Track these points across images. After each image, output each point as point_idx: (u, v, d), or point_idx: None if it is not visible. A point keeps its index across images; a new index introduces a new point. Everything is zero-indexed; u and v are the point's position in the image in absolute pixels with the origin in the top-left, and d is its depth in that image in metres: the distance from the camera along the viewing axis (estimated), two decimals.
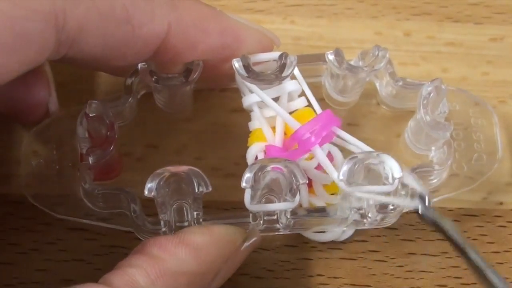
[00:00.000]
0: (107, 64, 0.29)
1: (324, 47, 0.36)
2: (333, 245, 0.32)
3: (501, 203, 0.33)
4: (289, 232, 0.30)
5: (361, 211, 0.29)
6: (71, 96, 0.33)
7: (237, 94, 0.34)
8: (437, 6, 0.37)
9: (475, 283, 0.32)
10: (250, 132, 0.31)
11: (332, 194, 0.31)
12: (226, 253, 0.28)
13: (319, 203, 0.31)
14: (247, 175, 0.27)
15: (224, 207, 0.32)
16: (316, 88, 0.32)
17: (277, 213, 0.29)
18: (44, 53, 0.25)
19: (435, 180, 0.31)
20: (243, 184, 0.27)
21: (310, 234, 0.32)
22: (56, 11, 0.25)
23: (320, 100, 0.32)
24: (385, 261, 0.32)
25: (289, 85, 0.30)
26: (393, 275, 0.32)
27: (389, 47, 0.34)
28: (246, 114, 0.32)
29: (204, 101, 0.33)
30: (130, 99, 0.31)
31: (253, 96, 0.30)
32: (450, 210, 0.33)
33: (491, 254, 0.32)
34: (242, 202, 0.31)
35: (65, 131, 0.31)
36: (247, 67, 0.29)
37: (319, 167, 0.30)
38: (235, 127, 0.34)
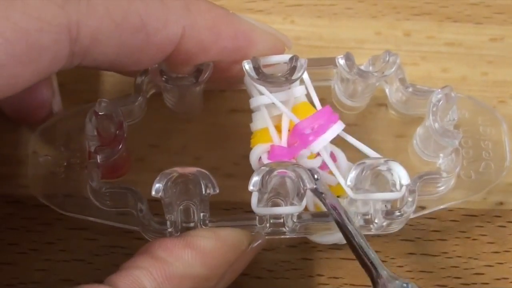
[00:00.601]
0: (120, 69, 0.29)
1: (324, 47, 0.36)
2: (333, 245, 0.32)
3: (501, 203, 0.33)
4: (295, 236, 0.30)
5: (367, 217, 0.29)
6: (72, 96, 0.33)
7: (237, 94, 0.34)
8: (437, 6, 0.37)
9: (475, 283, 0.32)
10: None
11: (338, 196, 0.31)
12: (232, 257, 0.28)
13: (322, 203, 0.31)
14: (255, 178, 0.27)
15: (224, 207, 0.32)
16: (325, 92, 0.32)
17: (283, 217, 0.29)
18: (58, 64, 0.25)
19: (442, 187, 0.31)
20: (251, 188, 0.27)
21: (313, 237, 0.32)
22: (70, 23, 0.25)
23: (329, 104, 0.32)
24: (385, 261, 0.32)
25: (298, 90, 0.30)
26: None
27: (389, 47, 0.34)
28: (245, 114, 0.32)
29: (204, 101, 0.33)
30: (140, 98, 0.31)
31: (262, 98, 0.30)
32: (450, 211, 0.33)
33: (491, 254, 0.32)
34: (241, 202, 0.32)
35: (73, 129, 0.31)
36: (257, 69, 0.29)
37: (322, 167, 0.30)
38: (234, 127, 0.34)
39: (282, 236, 0.30)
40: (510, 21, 0.37)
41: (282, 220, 0.29)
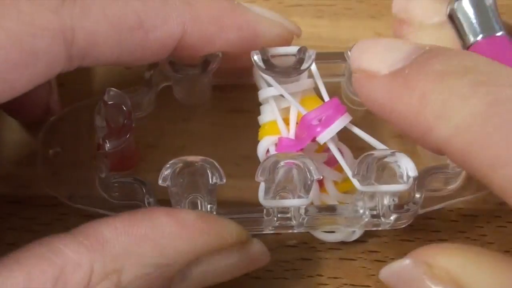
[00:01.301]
0: (125, 64, 0.29)
1: (324, 47, 0.36)
2: (333, 245, 0.32)
3: (501, 203, 0.33)
4: (302, 231, 0.30)
5: (374, 212, 0.29)
6: (72, 96, 0.33)
7: (237, 94, 0.34)
8: None
9: None
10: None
11: (344, 192, 0.31)
12: (213, 241, 0.26)
13: (330, 201, 0.31)
14: (262, 168, 0.27)
15: (223, 208, 0.32)
16: (334, 89, 0.32)
17: (291, 211, 0.29)
18: (55, 68, 0.26)
19: (451, 184, 0.31)
20: (258, 178, 0.27)
21: (320, 234, 0.32)
22: (64, 27, 0.25)
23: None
24: (384, 262, 0.32)
25: (306, 83, 0.30)
26: None
27: None
28: (246, 114, 0.32)
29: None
30: (148, 92, 0.31)
31: (270, 89, 0.30)
32: (450, 211, 0.33)
33: None
34: (242, 202, 0.32)
35: (82, 123, 0.31)
36: (266, 60, 0.29)
37: (327, 162, 0.30)
38: (235, 127, 0.34)
39: (290, 231, 0.30)
40: (511, 22, 0.37)
41: (289, 215, 0.29)
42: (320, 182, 0.31)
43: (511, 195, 0.22)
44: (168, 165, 0.27)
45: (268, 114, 0.30)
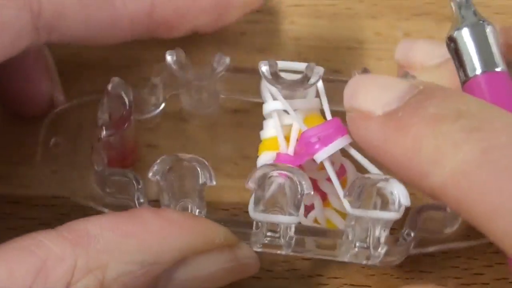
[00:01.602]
0: (96, 42, 0.29)
1: (324, 47, 0.36)
2: None
3: None
4: (290, 253, 0.29)
5: (364, 245, 0.28)
6: (72, 97, 0.33)
7: (237, 94, 0.34)
8: (437, 6, 0.37)
9: (475, 283, 0.32)
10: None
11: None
12: (198, 239, 0.26)
13: (333, 216, 0.30)
14: (255, 175, 0.26)
15: (222, 208, 0.32)
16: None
17: (280, 230, 0.28)
18: (22, 40, 0.25)
19: (449, 226, 0.30)
20: (248, 184, 0.26)
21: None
22: None
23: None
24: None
25: (312, 102, 0.30)
26: (393, 275, 0.32)
27: (389, 48, 0.34)
28: (246, 115, 0.32)
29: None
30: (155, 95, 0.31)
31: (275, 103, 0.30)
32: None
33: (491, 254, 0.32)
34: (240, 202, 0.32)
35: (83, 118, 0.31)
36: (274, 73, 0.29)
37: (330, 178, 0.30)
38: (235, 127, 0.34)
39: (278, 252, 0.29)
40: (510, 21, 0.37)
41: (278, 235, 0.28)
42: (323, 197, 0.31)
43: (507, 245, 0.22)
44: (158, 161, 0.27)
45: (270, 129, 0.30)
